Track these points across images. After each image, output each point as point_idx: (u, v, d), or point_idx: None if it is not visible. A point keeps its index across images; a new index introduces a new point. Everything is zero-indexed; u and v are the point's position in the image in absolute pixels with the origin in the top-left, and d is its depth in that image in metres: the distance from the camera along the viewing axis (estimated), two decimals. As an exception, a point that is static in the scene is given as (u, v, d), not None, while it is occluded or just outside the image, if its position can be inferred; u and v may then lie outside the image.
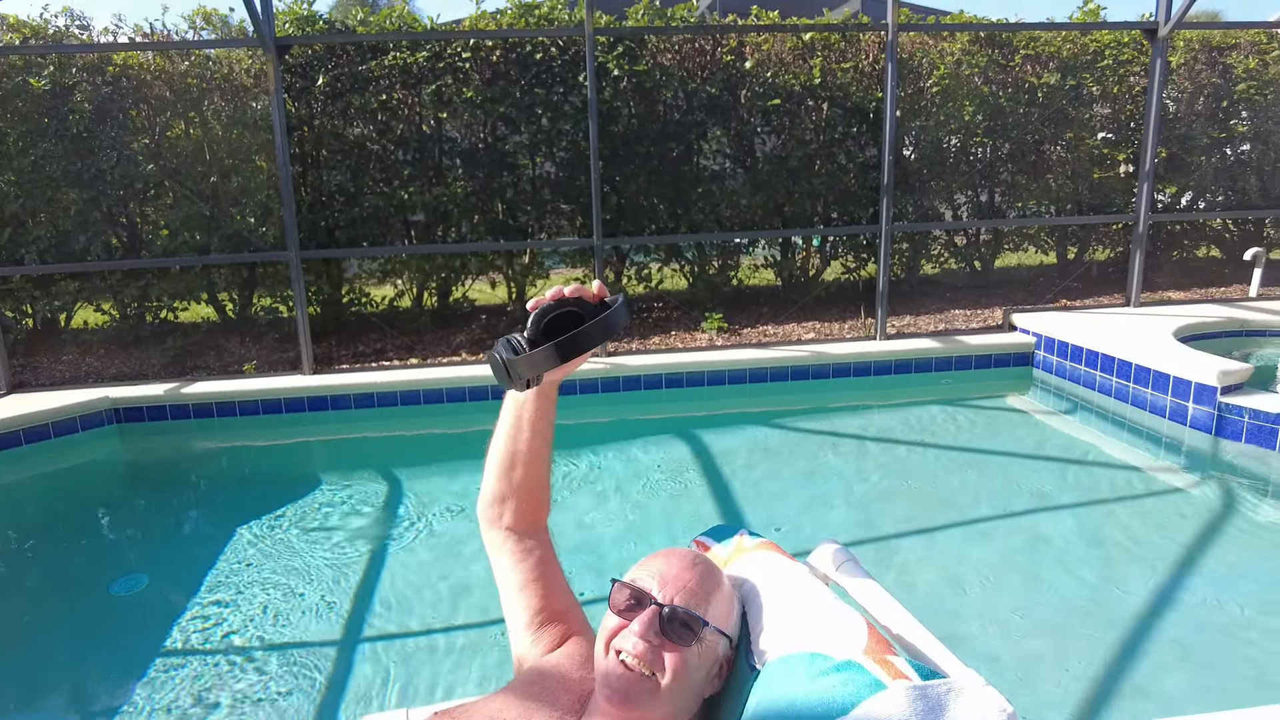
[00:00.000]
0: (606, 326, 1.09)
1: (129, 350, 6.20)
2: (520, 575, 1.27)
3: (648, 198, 6.48)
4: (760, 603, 1.19)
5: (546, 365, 1.08)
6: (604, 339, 1.10)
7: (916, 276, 7.34)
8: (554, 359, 1.07)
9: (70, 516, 4.18)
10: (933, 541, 3.28)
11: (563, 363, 1.08)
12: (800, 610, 1.14)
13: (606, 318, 1.09)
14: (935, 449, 4.32)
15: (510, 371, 1.09)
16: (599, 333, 1.08)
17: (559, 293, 1.15)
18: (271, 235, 6.03)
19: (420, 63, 5.99)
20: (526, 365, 1.08)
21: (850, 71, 6.41)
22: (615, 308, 1.11)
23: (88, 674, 2.78)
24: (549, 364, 1.08)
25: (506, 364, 1.09)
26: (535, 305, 1.15)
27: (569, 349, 1.07)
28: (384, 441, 4.99)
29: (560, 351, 1.06)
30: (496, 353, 1.10)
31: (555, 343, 1.06)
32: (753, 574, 1.26)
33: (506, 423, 1.27)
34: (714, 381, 5.20)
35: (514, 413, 1.25)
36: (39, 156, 5.75)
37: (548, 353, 1.06)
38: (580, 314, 1.14)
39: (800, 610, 1.14)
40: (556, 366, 1.09)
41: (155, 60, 5.90)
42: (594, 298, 1.17)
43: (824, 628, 1.09)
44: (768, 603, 1.18)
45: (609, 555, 3.20)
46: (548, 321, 1.13)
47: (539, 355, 1.07)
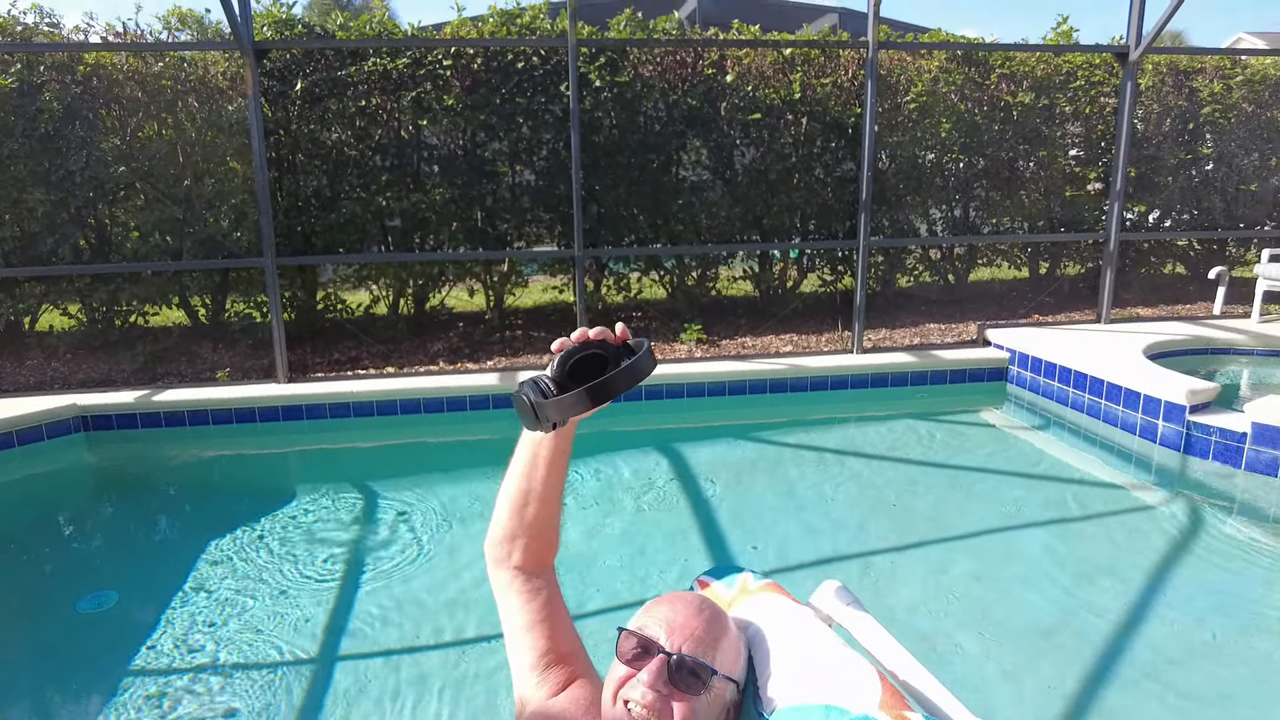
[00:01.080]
0: (634, 373, 1.10)
1: (97, 355, 6.07)
2: (527, 615, 1.26)
3: (628, 208, 6.48)
4: (767, 648, 1.19)
5: (576, 410, 1.09)
6: (631, 385, 1.11)
7: (892, 290, 7.42)
8: (584, 403, 1.08)
9: (35, 529, 4.07)
10: (908, 558, 3.31)
11: (594, 407, 1.09)
12: (810, 657, 1.15)
13: (635, 364, 1.10)
14: (910, 464, 4.36)
15: (539, 414, 1.09)
16: (627, 378, 1.09)
17: (584, 334, 1.16)
18: (246, 240, 5.94)
19: (400, 69, 5.94)
20: (556, 409, 1.09)
21: (829, 86, 6.47)
22: (641, 353, 1.12)
23: (52, 696, 2.70)
24: (579, 409, 1.08)
25: (535, 407, 1.09)
26: (560, 347, 1.15)
27: (600, 394, 1.07)
28: (360, 452, 4.93)
29: (592, 396, 1.07)
30: (524, 395, 1.10)
31: (588, 387, 1.07)
32: (758, 617, 1.26)
33: (522, 460, 1.26)
34: (694, 394, 5.21)
35: (530, 450, 1.25)
36: (4, 156, 5.61)
37: (579, 398, 1.07)
38: (604, 356, 1.15)
39: (810, 657, 1.15)
40: (586, 411, 1.09)
41: (128, 60, 5.79)
42: (617, 340, 1.17)
43: (836, 678, 1.10)
44: (775, 648, 1.18)
45: (589, 573, 3.19)
46: (573, 364, 1.14)
47: (569, 400, 1.08)
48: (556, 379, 1.12)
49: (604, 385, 1.07)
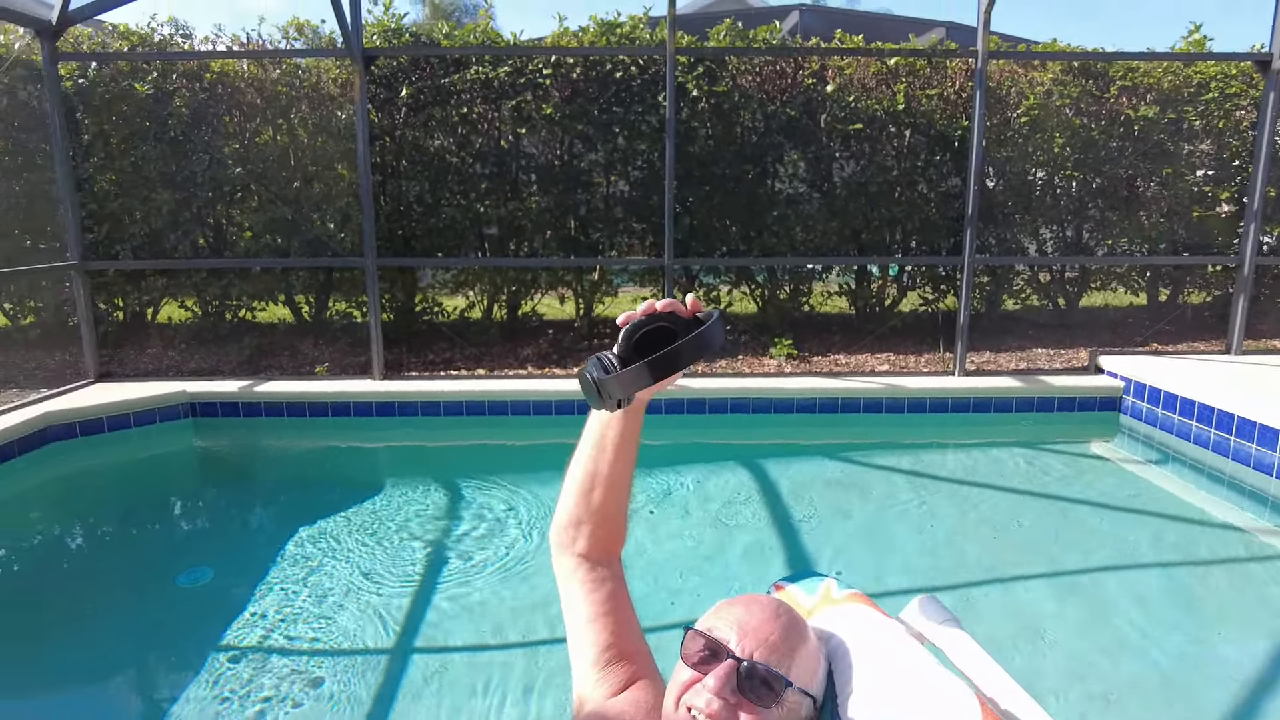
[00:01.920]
0: (701, 344, 1.02)
1: (208, 346, 6.39)
2: (590, 607, 1.19)
3: (720, 219, 6.41)
4: (850, 662, 1.08)
5: (638, 385, 1.02)
6: (698, 357, 1.03)
7: (997, 312, 7.08)
8: (646, 378, 1.01)
9: (144, 504, 4.29)
10: (1008, 591, 3.10)
11: (655, 382, 1.02)
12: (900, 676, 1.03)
13: (701, 334, 1.02)
14: (1013, 493, 4.10)
15: (601, 391, 1.03)
16: (693, 350, 1.02)
17: (650, 307, 1.09)
18: (350, 241, 6.15)
19: (501, 78, 6.06)
20: (618, 385, 1.02)
21: (935, 99, 6.25)
22: (710, 324, 1.04)
23: (148, 662, 2.80)
24: (641, 383, 1.02)
25: (598, 383, 1.03)
26: (626, 320, 1.09)
27: (662, 367, 1.01)
28: (448, 451, 5.00)
29: (653, 370, 1.00)
30: (588, 371, 1.05)
31: (647, 361, 1.00)
32: (841, 628, 1.15)
33: (589, 442, 1.20)
34: (782, 409, 5.07)
35: (598, 432, 1.19)
36: (138, 158, 5.99)
37: (639, 371, 1.00)
38: (673, 330, 1.07)
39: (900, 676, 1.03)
40: (648, 386, 1.02)
41: (249, 68, 6.11)
42: (687, 313, 1.10)
43: (930, 700, 0.98)
44: (859, 663, 1.07)
45: (664, 583, 3.11)
46: (639, 338, 1.07)
47: (630, 374, 1.01)
48: (621, 354, 1.06)
49: (667, 358, 1.00)
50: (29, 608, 3.15)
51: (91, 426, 4.62)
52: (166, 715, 2.37)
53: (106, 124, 5.97)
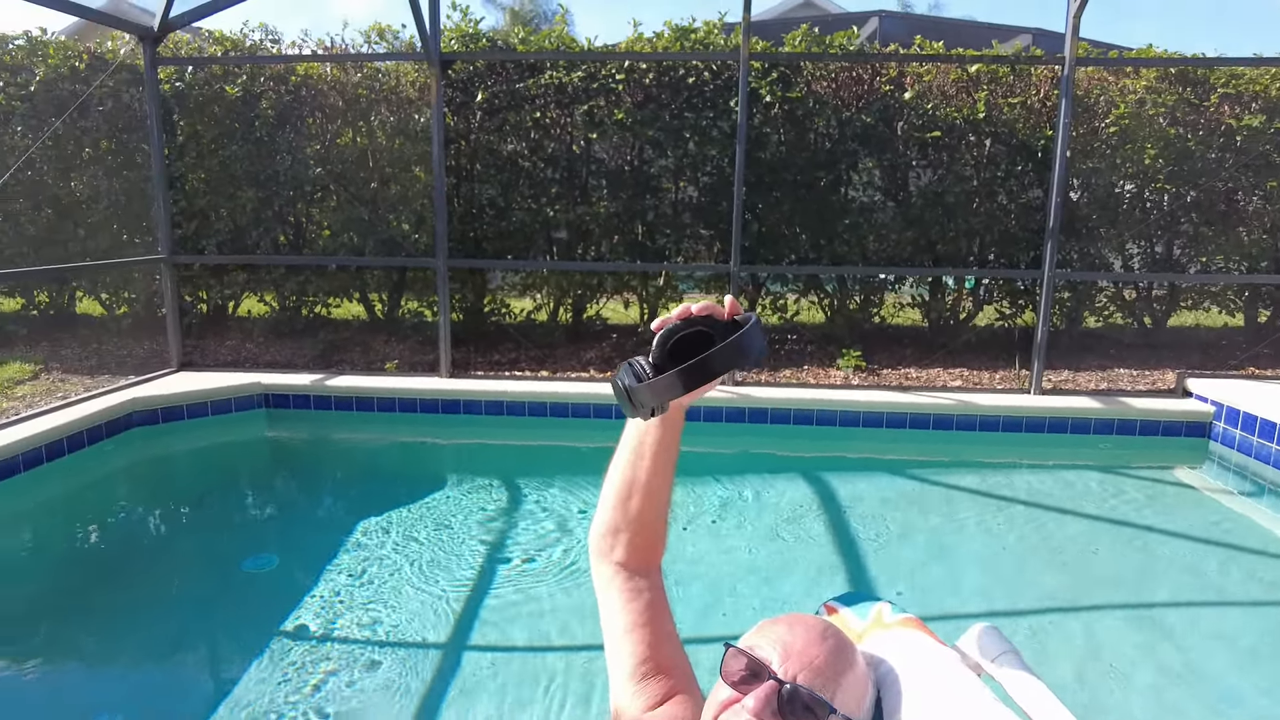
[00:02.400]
0: (736, 351, 0.96)
1: (284, 340, 6.60)
2: (628, 617, 1.16)
3: (790, 226, 6.32)
4: (899, 690, 1.02)
5: (670, 394, 0.97)
6: (734, 365, 0.98)
7: (1078, 329, 6.78)
8: (677, 388, 0.96)
9: (216, 490, 4.45)
10: (1079, 624, 2.94)
11: (687, 391, 0.97)
12: (953, 709, 0.97)
13: (736, 341, 0.96)
14: (1089, 519, 3.92)
15: (632, 399, 0.99)
16: (727, 358, 0.96)
17: (686, 311, 1.04)
18: (423, 242, 6.29)
19: (575, 83, 6.10)
20: (649, 393, 0.98)
21: (1018, 107, 6.04)
22: (746, 329, 0.97)
23: (215, 641, 2.90)
24: (672, 393, 0.97)
25: (629, 391, 0.99)
26: (660, 325, 1.03)
27: (694, 376, 0.95)
28: (510, 449, 5.05)
29: (684, 379, 0.95)
30: (619, 378, 1.01)
31: (679, 370, 0.95)
32: (892, 655, 1.09)
33: (627, 448, 1.17)
34: (847, 422, 4.95)
35: (636, 438, 1.15)
36: (226, 157, 6.24)
37: (670, 381, 0.95)
38: (710, 334, 1.02)
39: (953, 709, 0.97)
40: (680, 395, 0.97)
41: (332, 71, 6.30)
42: (725, 316, 1.04)
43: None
44: (910, 693, 1.01)
45: (714, 596, 3.06)
46: (674, 343, 1.02)
47: (661, 383, 0.96)
48: (655, 361, 1.01)
49: (700, 366, 0.95)
50: (111, 582, 3.29)
51: (172, 413, 4.82)
52: (230, 693, 2.44)
53: (199, 125, 6.24)
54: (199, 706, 2.45)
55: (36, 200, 6.43)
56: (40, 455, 4.01)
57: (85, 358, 6.20)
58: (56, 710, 2.45)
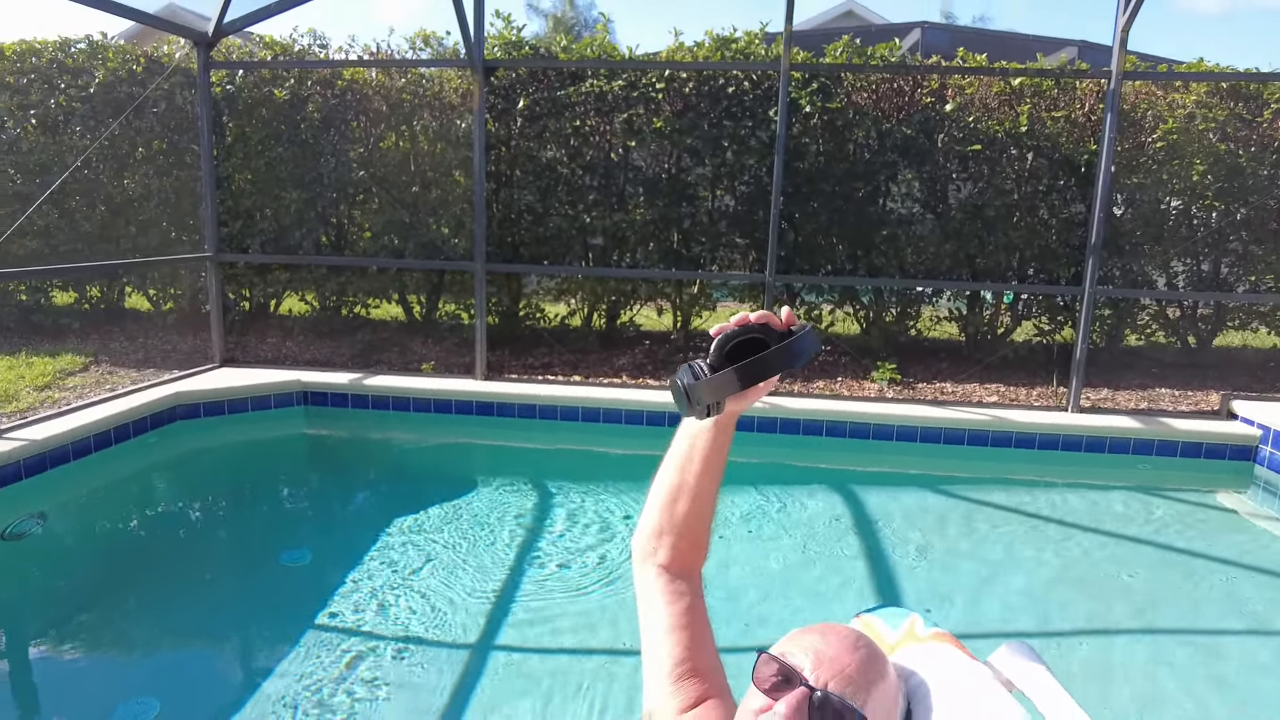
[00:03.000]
0: (791, 353, 1.04)
1: (323, 339, 6.72)
2: (668, 619, 1.18)
3: (827, 237, 6.30)
4: (930, 704, 1.02)
5: (727, 390, 1.04)
6: (788, 366, 1.05)
7: (1118, 347, 6.66)
8: (734, 384, 1.02)
9: (255, 484, 4.55)
10: (1113, 647, 2.90)
11: (744, 388, 1.04)
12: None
13: (792, 344, 1.04)
14: (1126, 541, 3.84)
15: (690, 397, 1.05)
16: (783, 359, 1.03)
17: (744, 319, 1.10)
18: (462, 246, 6.37)
19: (615, 91, 6.15)
20: (707, 390, 1.04)
21: (1062, 121, 5.96)
22: (803, 334, 1.05)
23: (250, 632, 2.97)
24: (729, 389, 1.03)
25: (687, 390, 1.05)
26: (719, 331, 1.10)
27: (751, 374, 1.02)
28: (541, 453, 5.09)
29: (741, 376, 1.02)
30: (678, 378, 1.07)
31: (736, 367, 1.02)
32: (924, 668, 1.09)
33: (677, 452, 1.21)
34: (880, 436, 4.92)
35: (687, 442, 1.19)
36: (272, 159, 6.39)
37: (728, 377, 1.02)
38: (765, 341, 1.08)
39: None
40: (737, 392, 1.04)
41: (377, 76, 6.42)
42: (782, 325, 1.10)
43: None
44: (940, 705, 1.02)
45: (744, 604, 3.06)
46: (731, 348, 1.08)
47: (719, 380, 1.03)
48: (713, 363, 1.07)
49: (756, 365, 1.02)
50: (151, 569, 3.39)
51: (214, 408, 4.94)
52: (263, 683, 2.50)
53: (247, 127, 6.39)
54: (232, 694, 2.51)
55: (92, 198, 6.63)
56: (89, 445, 4.14)
57: (132, 351, 6.38)
58: (96, 689, 2.54)
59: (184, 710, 2.41)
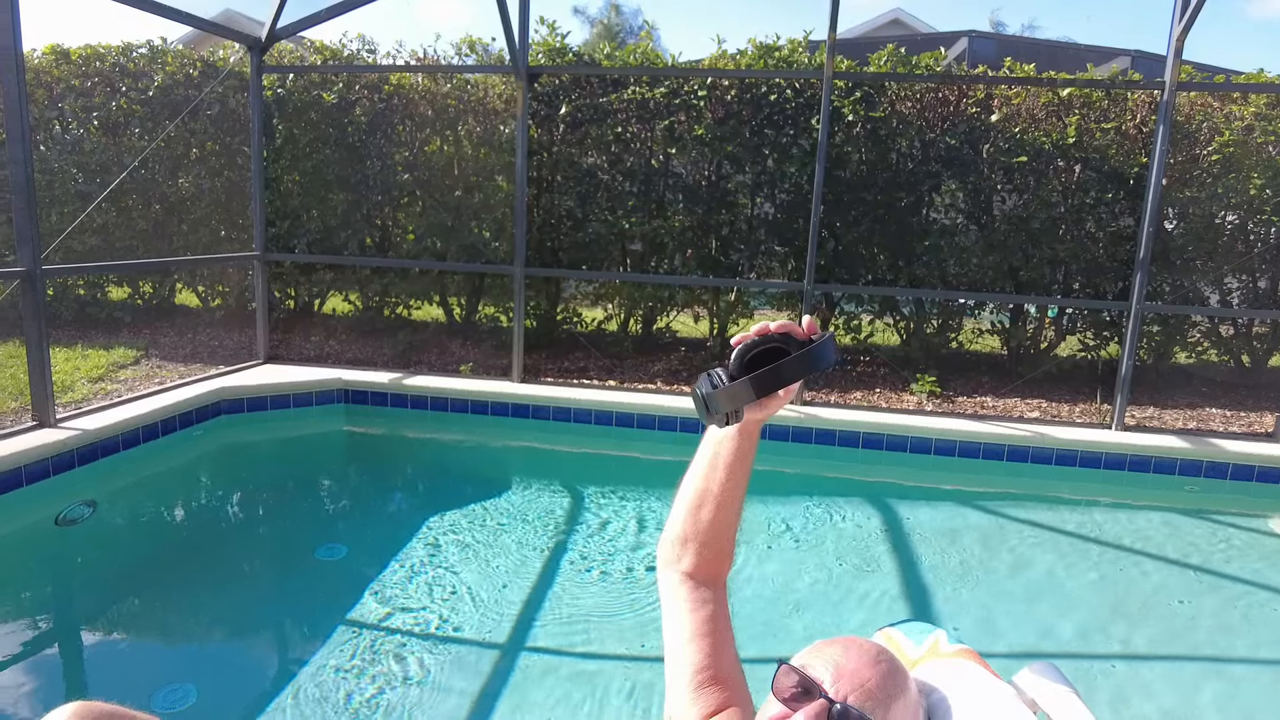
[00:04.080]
0: (809, 361, 1.04)
1: (365, 339, 6.84)
2: (691, 626, 1.18)
3: (868, 246, 6.24)
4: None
5: (744, 399, 1.04)
6: (804, 375, 1.06)
7: (1167, 365, 6.49)
8: (750, 393, 1.03)
9: (294, 479, 4.64)
10: (1156, 675, 2.82)
11: (759, 397, 1.04)
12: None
13: (810, 352, 1.04)
14: (1168, 565, 3.74)
15: (709, 405, 1.06)
16: (798, 368, 1.04)
17: (764, 329, 1.11)
18: (502, 250, 6.44)
19: (657, 98, 6.17)
20: (725, 399, 1.05)
21: (1111, 133, 5.84)
22: (821, 342, 1.05)
23: (284, 625, 3.03)
24: (746, 397, 1.04)
25: (705, 398, 1.06)
26: (740, 341, 1.11)
27: (767, 383, 1.03)
28: (575, 456, 5.12)
29: (757, 385, 1.03)
30: (698, 388, 1.08)
31: (752, 375, 1.03)
32: (946, 684, 1.08)
33: (702, 460, 1.22)
34: (918, 449, 4.86)
35: (711, 450, 1.20)
36: (320, 161, 6.53)
37: (744, 386, 1.03)
38: (786, 350, 1.09)
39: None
40: (754, 400, 1.05)
41: (423, 81, 6.53)
42: (803, 335, 1.10)
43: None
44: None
45: (770, 615, 3.04)
46: (751, 358, 1.09)
47: (735, 389, 1.04)
48: (732, 372, 1.08)
49: (773, 373, 1.03)
50: (192, 559, 3.48)
51: (257, 404, 5.05)
52: (294, 676, 2.55)
53: (296, 129, 6.54)
54: (266, 684, 2.57)
55: (148, 197, 6.84)
56: (137, 436, 4.26)
57: (181, 346, 6.56)
58: (138, 673, 2.61)
59: (220, 698, 2.47)
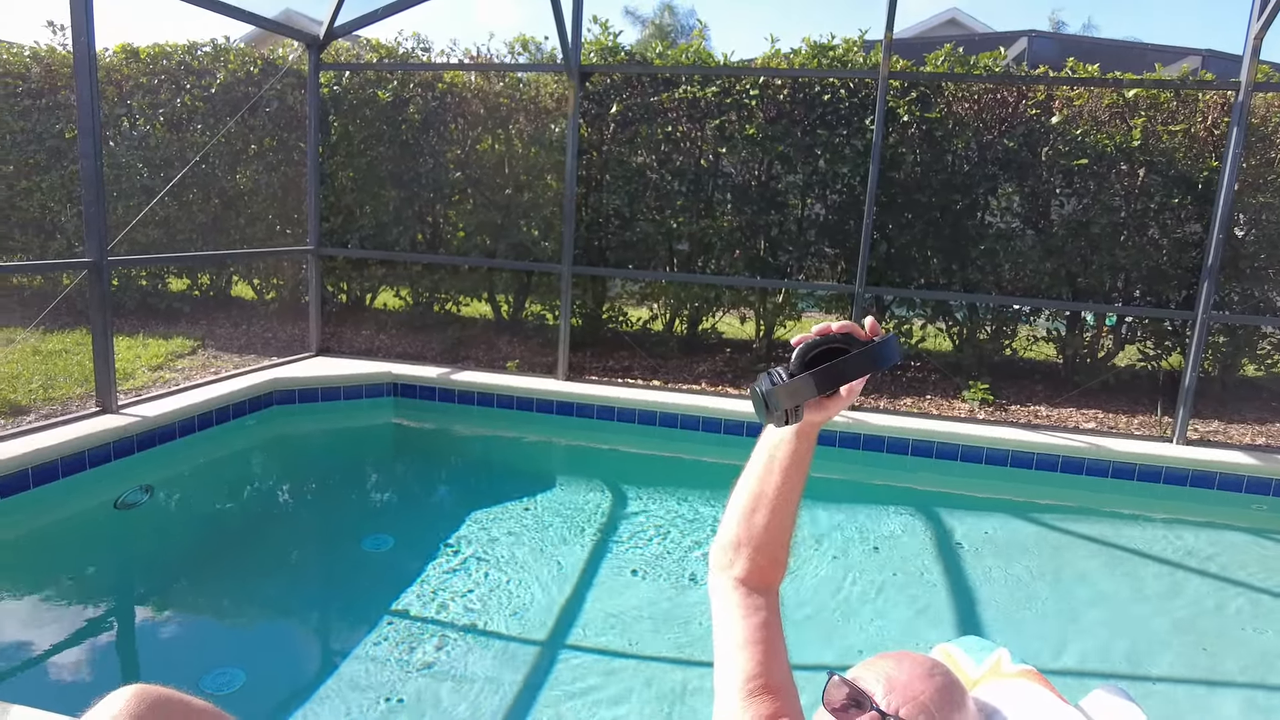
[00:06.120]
0: (871, 359, 1.02)
1: (415, 334, 6.93)
2: (742, 633, 1.15)
3: (921, 249, 6.12)
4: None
5: (804, 395, 1.03)
6: (866, 371, 1.04)
7: (1234, 377, 6.24)
8: (811, 389, 1.02)
9: (343, 470, 4.72)
10: (1222, 702, 2.70)
11: (821, 393, 1.03)
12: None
13: (872, 349, 1.03)
14: (1235, 587, 3.59)
15: (768, 403, 1.05)
16: (861, 364, 1.02)
17: (826, 328, 1.09)
18: (550, 248, 6.47)
19: (709, 97, 6.13)
20: (785, 395, 1.04)
21: (1179, 135, 5.63)
22: (884, 341, 1.03)
23: (330, 613, 3.08)
24: (807, 394, 1.03)
25: (765, 396, 1.05)
26: (800, 341, 1.09)
27: (829, 378, 1.02)
28: (617, 455, 5.11)
29: (819, 381, 1.02)
30: (757, 385, 1.07)
31: (813, 371, 1.02)
32: (1008, 705, 1.04)
33: (758, 463, 1.19)
34: (969, 458, 4.74)
35: (767, 453, 1.17)
36: (374, 158, 6.63)
37: (805, 382, 1.02)
38: (848, 350, 1.07)
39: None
40: (814, 397, 1.03)
41: (476, 80, 6.59)
42: (865, 335, 1.08)
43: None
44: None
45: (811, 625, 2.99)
46: (812, 357, 1.08)
47: (797, 384, 1.03)
48: (792, 371, 1.07)
49: (834, 370, 1.01)
50: (242, 546, 3.56)
51: (308, 395, 5.15)
52: (339, 665, 2.58)
53: (351, 126, 6.65)
54: (310, 670, 2.61)
55: (208, 192, 7.01)
56: (193, 424, 4.37)
57: (236, 337, 6.72)
58: (185, 655, 2.67)
59: (266, 684, 2.51)
